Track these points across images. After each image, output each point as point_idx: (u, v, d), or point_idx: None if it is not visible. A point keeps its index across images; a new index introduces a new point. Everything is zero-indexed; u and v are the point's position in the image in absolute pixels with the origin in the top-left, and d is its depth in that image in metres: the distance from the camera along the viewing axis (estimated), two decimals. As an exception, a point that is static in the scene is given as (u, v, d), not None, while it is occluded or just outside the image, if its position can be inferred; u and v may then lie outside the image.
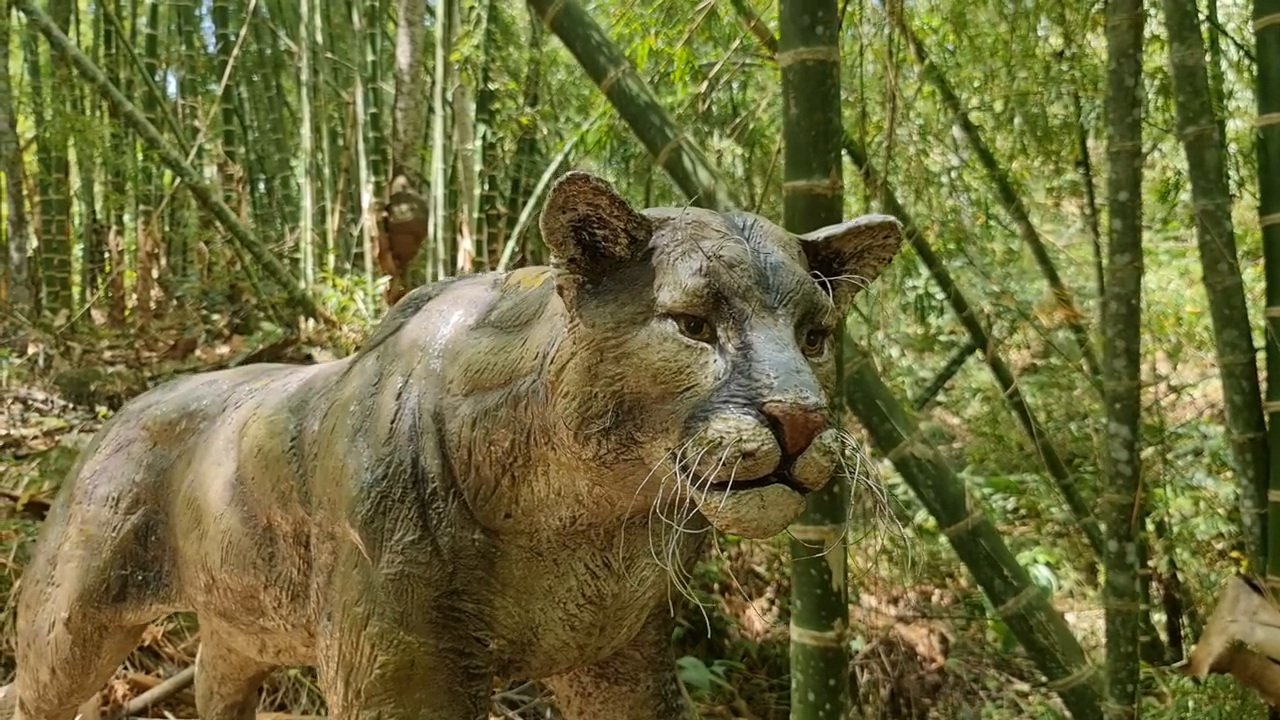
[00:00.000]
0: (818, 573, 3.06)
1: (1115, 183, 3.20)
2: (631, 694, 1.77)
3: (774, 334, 1.19)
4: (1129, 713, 3.24)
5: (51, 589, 2.02)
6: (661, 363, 1.20)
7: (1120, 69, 3.19)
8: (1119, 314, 3.23)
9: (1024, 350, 12.44)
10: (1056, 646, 3.62)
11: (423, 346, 1.52)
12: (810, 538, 3.07)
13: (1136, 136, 3.21)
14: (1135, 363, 3.24)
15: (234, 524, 1.78)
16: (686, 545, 1.63)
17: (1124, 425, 3.24)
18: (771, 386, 1.13)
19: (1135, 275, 3.23)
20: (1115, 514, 3.28)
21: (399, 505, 1.46)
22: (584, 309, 1.27)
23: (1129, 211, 3.21)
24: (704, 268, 1.21)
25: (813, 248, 1.35)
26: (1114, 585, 3.32)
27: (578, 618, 1.53)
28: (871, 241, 1.36)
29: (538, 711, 5.33)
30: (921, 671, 7.59)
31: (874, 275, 1.37)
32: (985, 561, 3.66)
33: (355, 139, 10.25)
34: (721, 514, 1.15)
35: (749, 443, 1.12)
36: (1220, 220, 3.99)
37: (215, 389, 2.01)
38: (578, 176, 1.20)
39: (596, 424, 1.25)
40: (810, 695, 3.05)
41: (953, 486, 3.73)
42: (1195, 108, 4.03)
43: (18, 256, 9.36)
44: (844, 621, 3.08)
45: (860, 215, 1.37)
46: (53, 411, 7.11)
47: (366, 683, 1.48)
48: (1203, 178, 4.03)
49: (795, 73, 2.96)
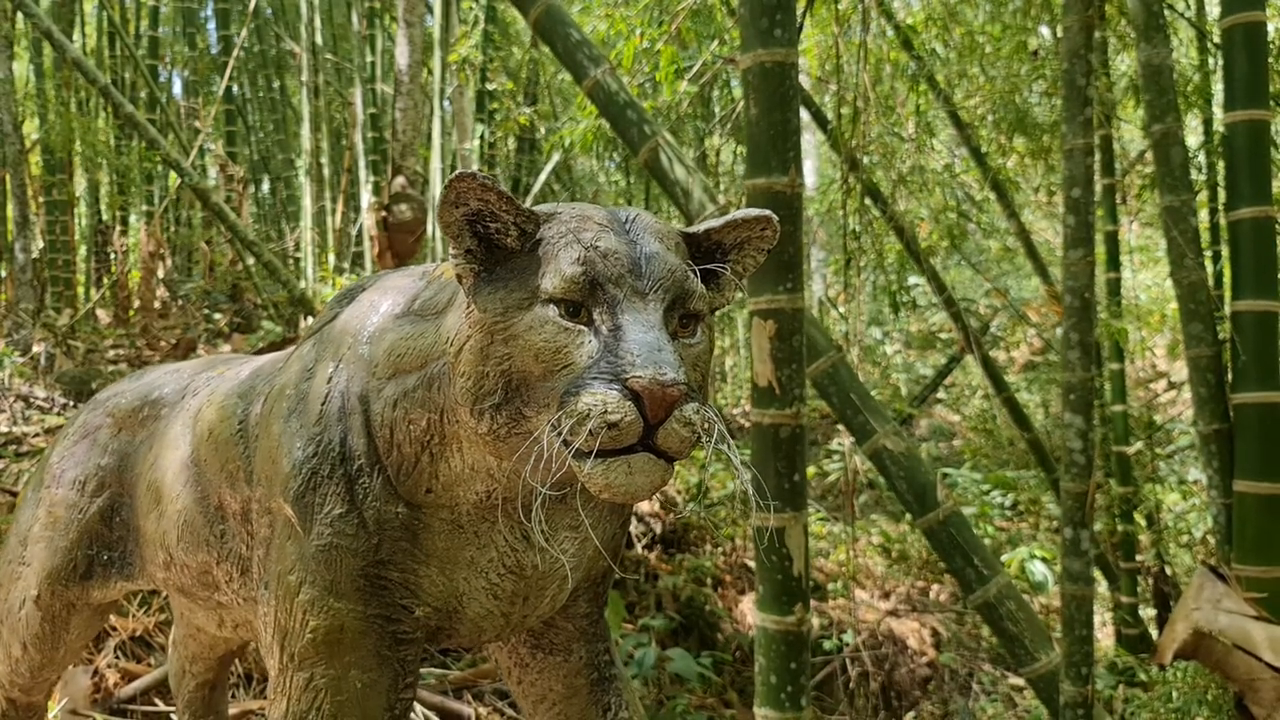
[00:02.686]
0: (779, 559, 3.15)
1: (1069, 179, 3.28)
2: (565, 663, 1.88)
3: (642, 318, 1.30)
4: (1083, 694, 3.33)
5: (23, 568, 2.13)
6: (543, 343, 1.31)
7: (1072, 68, 3.27)
8: (1073, 307, 3.31)
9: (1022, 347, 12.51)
10: (1025, 634, 3.70)
11: (354, 334, 1.63)
12: (772, 524, 3.17)
13: (1088, 135, 3.29)
14: (1089, 354, 3.33)
15: (189, 504, 1.89)
16: (609, 519, 1.74)
17: (1078, 415, 3.33)
18: (634, 364, 1.24)
19: (1088, 269, 3.31)
20: (1070, 502, 3.36)
21: (328, 481, 1.57)
22: (479, 295, 1.38)
23: (1082, 208, 3.29)
24: (581, 257, 1.32)
25: (694, 240, 1.46)
26: (1069, 571, 3.40)
27: (500, 587, 1.63)
28: (750, 234, 1.47)
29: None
30: (913, 665, 7.65)
31: (754, 265, 1.48)
32: (956, 551, 3.74)
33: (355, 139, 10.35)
34: (593, 479, 1.26)
35: (613, 414, 1.22)
36: (1185, 216, 4.07)
37: (177, 378, 2.12)
38: (466, 175, 1.32)
39: (488, 400, 1.35)
40: (772, 678, 3.14)
41: (924, 478, 3.81)
42: (1162, 105, 4.11)
43: (22, 257, 9.47)
44: (805, 606, 3.16)
45: (819, 213, 1.48)
46: (54, 409, 7.20)
47: (300, 646, 1.59)
48: (1169, 175, 4.11)
49: (754, 74, 3.06)
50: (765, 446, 3.14)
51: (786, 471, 3.14)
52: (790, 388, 3.12)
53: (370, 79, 10.05)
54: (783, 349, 3.10)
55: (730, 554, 7.51)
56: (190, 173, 8.25)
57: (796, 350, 3.12)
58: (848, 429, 4.07)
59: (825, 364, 3.81)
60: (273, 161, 13.33)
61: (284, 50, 12.76)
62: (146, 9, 10.50)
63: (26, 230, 9.54)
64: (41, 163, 10.03)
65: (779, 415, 3.11)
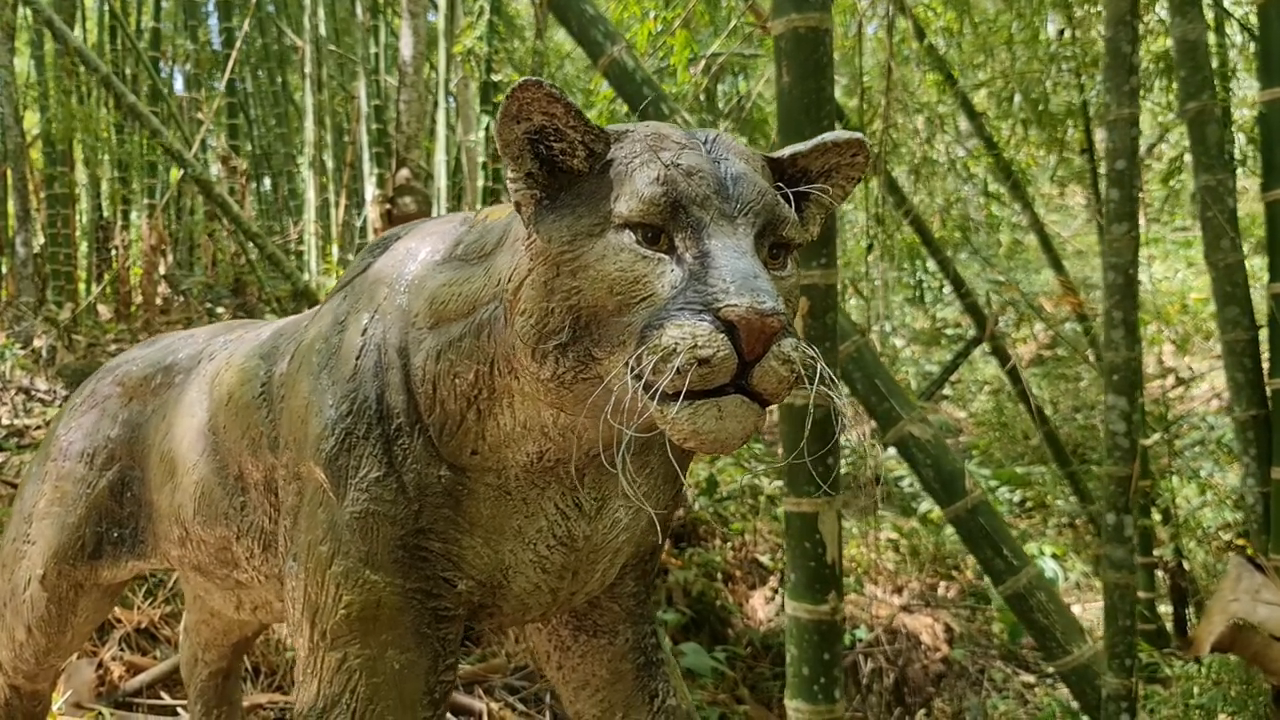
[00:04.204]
0: (812, 545, 3.03)
1: (1112, 151, 3.16)
2: (610, 646, 1.75)
3: (732, 243, 1.16)
4: (1127, 687, 3.20)
5: (27, 546, 2.00)
6: (618, 273, 1.17)
7: (1117, 36, 3.15)
8: (1116, 284, 3.19)
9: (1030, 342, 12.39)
10: (1056, 626, 3.59)
11: (389, 283, 1.49)
12: (804, 510, 3.05)
13: (1134, 104, 3.17)
14: (1133, 334, 3.21)
15: (206, 475, 1.76)
16: (663, 488, 1.60)
17: (1121, 397, 3.21)
18: (728, 291, 1.10)
19: (1132, 245, 3.19)
20: (1113, 486, 3.24)
21: (363, 442, 1.43)
22: (540, 224, 1.24)
23: (1126, 180, 3.17)
24: (662, 176, 1.18)
25: (779, 165, 1.32)
26: (1111, 559, 3.28)
27: (549, 560, 1.50)
28: (839, 159, 1.33)
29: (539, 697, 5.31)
30: (926, 661, 7.55)
31: (842, 196, 1.34)
32: (985, 541, 3.63)
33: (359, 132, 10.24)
34: (678, 426, 1.12)
35: (704, 349, 1.08)
36: (1222, 196, 3.95)
37: (191, 343, 1.99)
38: (530, 83, 1.18)
39: (554, 340, 1.22)
40: (805, 669, 3.03)
41: (951, 465, 3.70)
42: (1197, 83, 3.99)
43: (23, 251, 9.37)
44: (838, 594, 3.05)
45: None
46: (55, 402, 7.12)
47: (332, 623, 1.45)
48: (1204, 154, 3.99)
49: (787, 40, 2.94)
50: (797, 429, 3.03)
51: (819, 455, 3.02)
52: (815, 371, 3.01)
53: (374, 71, 9.93)
54: (816, 327, 2.98)
55: (740, 549, 7.40)
56: (193, 163, 8.12)
57: (830, 328, 3.00)
58: (871, 416, 3.96)
59: (849, 348, 3.69)
60: (274, 157, 13.20)
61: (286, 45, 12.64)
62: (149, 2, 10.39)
63: (28, 224, 9.44)
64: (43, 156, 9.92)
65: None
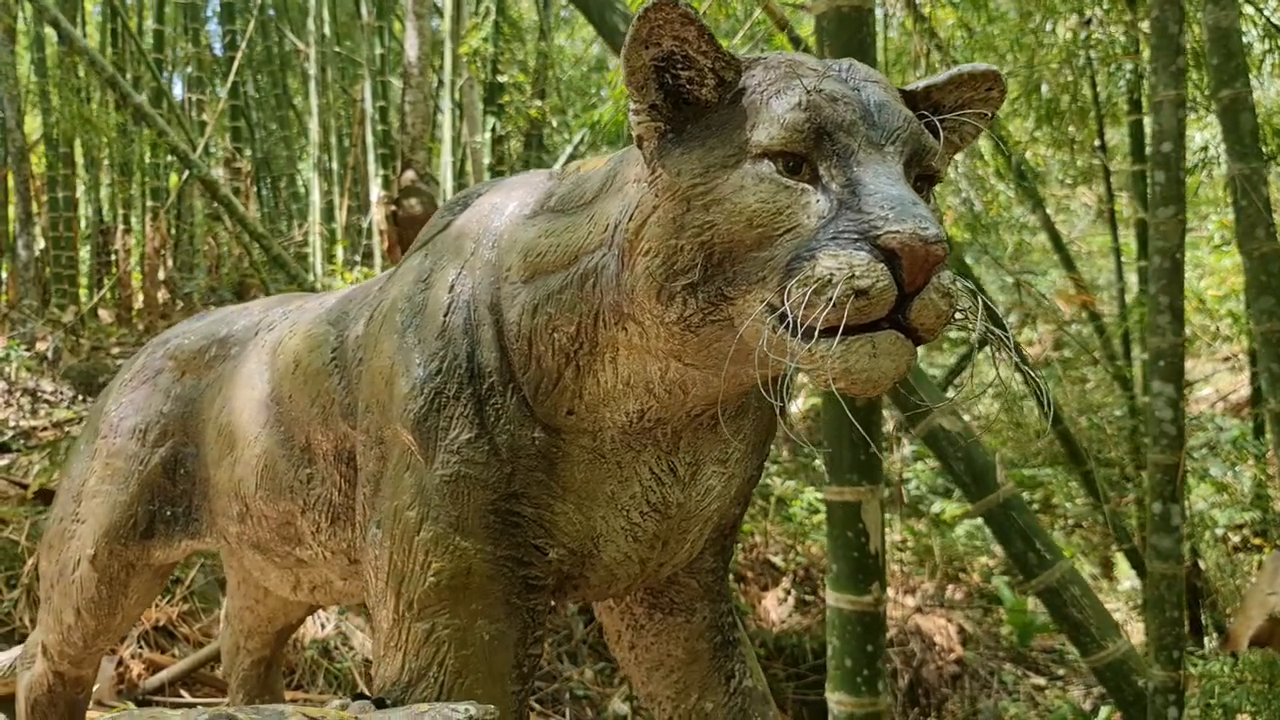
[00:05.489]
0: (855, 535, 2.98)
1: (1159, 133, 3.11)
2: (687, 625, 1.68)
3: (884, 169, 1.09)
4: (1174, 679, 3.15)
5: (76, 526, 1.93)
6: (758, 204, 1.10)
7: (1164, 15, 3.10)
8: (1162, 268, 3.14)
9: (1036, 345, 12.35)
10: (1091, 621, 3.53)
11: (475, 238, 1.43)
12: (847, 499, 2.99)
13: (1180, 85, 3.12)
14: (1180, 319, 3.15)
15: (270, 446, 1.69)
16: (751, 457, 1.54)
17: (1168, 383, 3.15)
18: (887, 218, 1.03)
19: (1179, 228, 3.14)
20: (1159, 475, 3.18)
21: (454, 402, 1.37)
22: (666, 159, 1.17)
23: (1173, 163, 3.12)
24: (804, 101, 1.11)
25: (912, 99, 1.25)
26: (1158, 549, 3.22)
27: (641, 527, 1.44)
28: (973, 94, 1.26)
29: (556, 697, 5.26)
30: (940, 662, 7.51)
31: (975, 133, 1.28)
32: (1017, 535, 3.57)
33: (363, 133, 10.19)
34: (830, 364, 1.04)
35: (863, 279, 1.01)
36: (1256, 185, 3.90)
37: (247, 315, 1.93)
38: (664, 3, 1.10)
39: (683, 279, 1.15)
40: (847, 661, 2.97)
41: (982, 458, 3.64)
42: (1230, 70, 3.94)
43: (25, 254, 9.31)
44: (881, 585, 2.99)
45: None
46: (62, 403, 7.09)
47: (420, 592, 1.39)
48: (1238, 142, 3.94)
49: (830, 20, 2.88)
50: (839, 415, 2.97)
51: (862, 442, 2.97)
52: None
53: (379, 72, 9.88)
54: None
55: (751, 550, 7.35)
56: (198, 164, 8.06)
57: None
58: (899, 408, 3.91)
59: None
60: (275, 161, 13.15)
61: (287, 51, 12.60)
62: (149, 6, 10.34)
63: (29, 227, 9.39)
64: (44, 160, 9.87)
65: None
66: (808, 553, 7.38)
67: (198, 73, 11.05)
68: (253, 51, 11.78)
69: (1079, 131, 7.16)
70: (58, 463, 5.41)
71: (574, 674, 5.54)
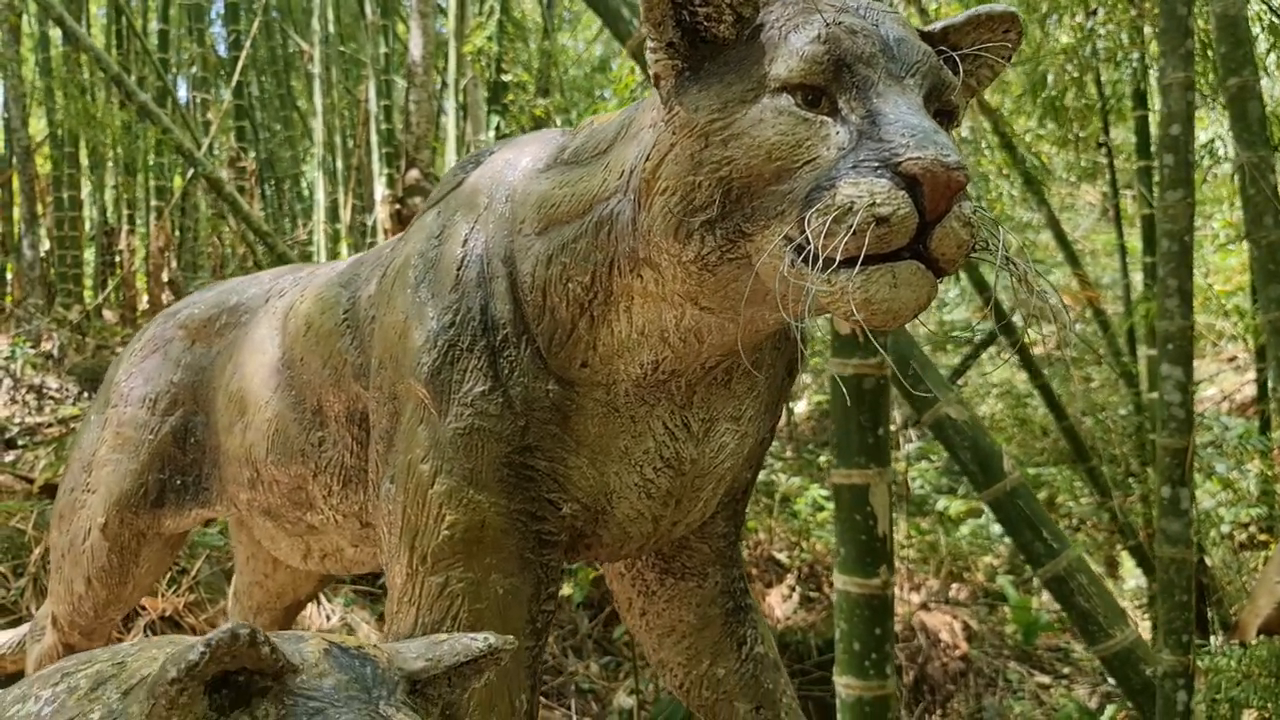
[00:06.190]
0: (862, 518, 2.97)
1: (1167, 116, 3.11)
2: (699, 590, 1.67)
3: (904, 100, 1.09)
4: (1183, 663, 3.14)
5: (87, 495, 1.93)
6: (777, 137, 1.09)
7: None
8: (1171, 251, 3.13)
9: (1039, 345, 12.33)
10: (1098, 609, 3.52)
11: (489, 192, 1.43)
12: (855, 482, 2.99)
13: (1189, 68, 3.12)
14: (1188, 302, 3.14)
15: (281, 411, 1.69)
16: (764, 417, 1.54)
17: (1177, 366, 3.15)
18: (908, 145, 1.03)
19: (1188, 211, 3.14)
20: (1168, 459, 3.18)
21: (468, 355, 1.37)
22: (684, 96, 1.17)
23: (1181, 146, 3.12)
24: (823, 34, 1.11)
25: (929, 39, 1.24)
26: (1167, 533, 3.21)
27: (654, 484, 1.43)
28: (990, 35, 1.25)
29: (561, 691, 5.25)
30: (945, 658, 7.50)
31: (992, 75, 1.28)
32: (1024, 523, 3.56)
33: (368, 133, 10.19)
34: (850, 294, 1.04)
35: (884, 206, 1.01)
36: (1264, 173, 3.90)
37: (257, 284, 1.92)
38: None
39: (700, 216, 1.14)
40: (855, 644, 2.96)
41: (989, 447, 3.64)
42: (1238, 59, 3.93)
43: (30, 254, 9.34)
44: (889, 568, 2.99)
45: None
46: (67, 400, 7.11)
47: (434, 545, 1.38)
48: (1246, 130, 3.94)
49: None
50: (847, 398, 2.97)
51: (870, 425, 2.97)
52: (875, 336, 2.96)
53: (384, 71, 9.89)
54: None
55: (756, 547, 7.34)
56: (203, 162, 8.07)
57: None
58: (906, 398, 3.90)
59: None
60: (279, 164, 13.16)
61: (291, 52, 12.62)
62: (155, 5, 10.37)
63: (34, 227, 9.42)
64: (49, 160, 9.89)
65: (862, 365, 2.94)
66: (812, 549, 7.37)
67: (202, 73, 11.08)
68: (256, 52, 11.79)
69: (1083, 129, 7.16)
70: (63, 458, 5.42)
71: (579, 668, 5.53)
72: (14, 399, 7.00)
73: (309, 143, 12.51)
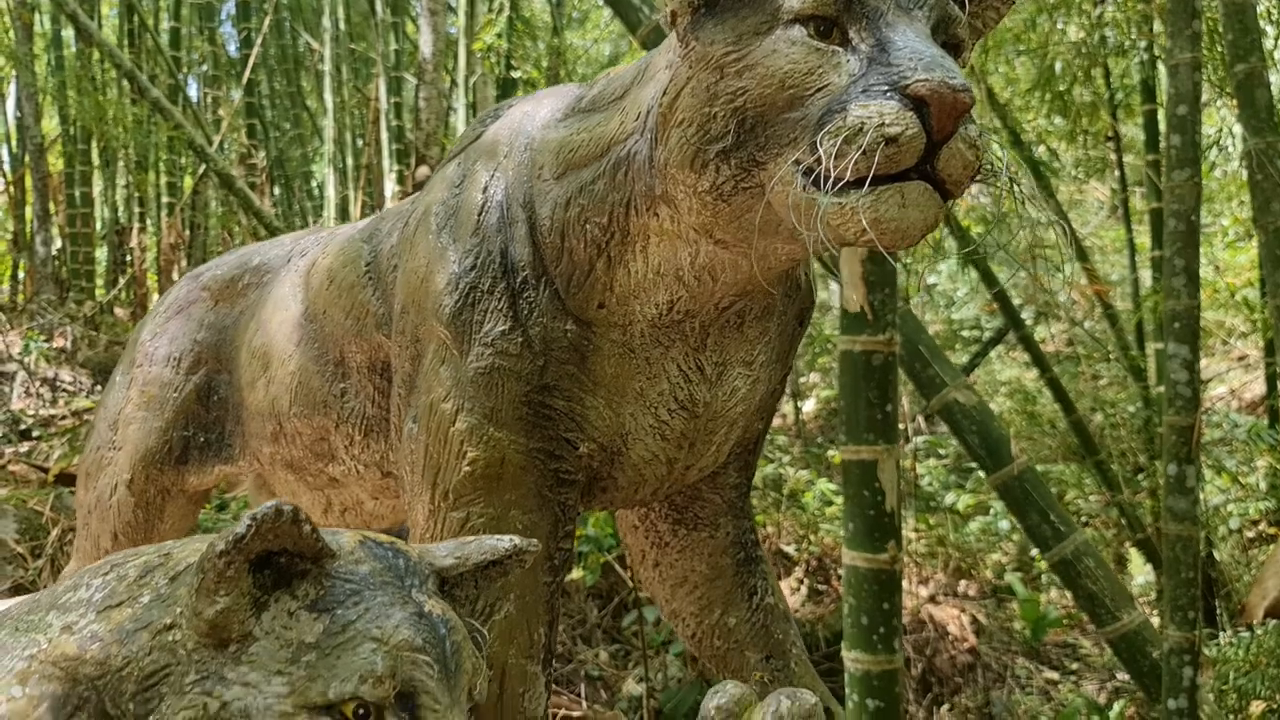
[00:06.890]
0: (871, 494, 3.00)
1: (1175, 96, 3.14)
2: (711, 540, 1.71)
3: (912, 29, 1.13)
4: (1189, 639, 3.16)
5: (113, 453, 1.97)
6: (790, 66, 1.14)
7: (1178, -22, 3.14)
8: (1178, 231, 3.17)
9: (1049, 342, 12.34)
10: (1105, 592, 3.55)
11: (509, 142, 1.47)
12: (863, 457, 3.02)
13: (1196, 48, 3.15)
14: (1194, 281, 3.18)
15: (304, 363, 1.74)
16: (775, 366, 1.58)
17: (1183, 345, 3.18)
18: (915, 69, 1.07)
19: (1195, 191, 3.17)
20: (1175, 437, 3.21)
21: (488, 296, 1.41)
22: (699, 31, 1.22)
23: (1188, 126, 3.15)
24: None
25: None
26: (1173, 510, 3.24)
27: (669, 425, 1.47)
28: None
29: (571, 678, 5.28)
30: (953, 651, 7.51)
31: (994, 22, 1.32)
32: (1032, 507, 3.59)
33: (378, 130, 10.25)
34: (859, 214, 1.08)
35: (892, 126, 1.05)
36: (1272, 159, 3.92)
37: (279, 245, 1.97)
38: None
39: (716, 146, 1.19)
40: (863, 619, 2.99)
41: (997, 432, 3.67)
42: (1245, 45, 3.96)
43: (43, 251, 9.41)
44: (897, 544, 3.02)
45: None
46: (80, 392, 7.17)
47: (455, 481, 1.42)
48: (1254, 117, 3.96)
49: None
50: (855, 375, 3.00)
51: (879, 401, 3.00)
52: (883, 313, 2.99)
53: (394, 68, 9.94)
54: (875, 272, 2.97)
55: (764, 541, 7.37)
56: (214, 157, 8.13)
57: (890, 274, 2.98)
58: (914, 383, 3.93)
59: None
60: (290, 163, 13.22)
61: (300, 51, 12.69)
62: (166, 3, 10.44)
63: (47, 225, 9.49)
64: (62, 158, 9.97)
65: (871, 342, 2.97)
66: (820, 543, 7.39)
67: (214, 71, 11.15)
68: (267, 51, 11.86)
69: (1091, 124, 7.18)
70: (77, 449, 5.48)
71: (589, 655, 5.56)
72: (29, 391, 7.07)
73: (319, 141, 12.59)
